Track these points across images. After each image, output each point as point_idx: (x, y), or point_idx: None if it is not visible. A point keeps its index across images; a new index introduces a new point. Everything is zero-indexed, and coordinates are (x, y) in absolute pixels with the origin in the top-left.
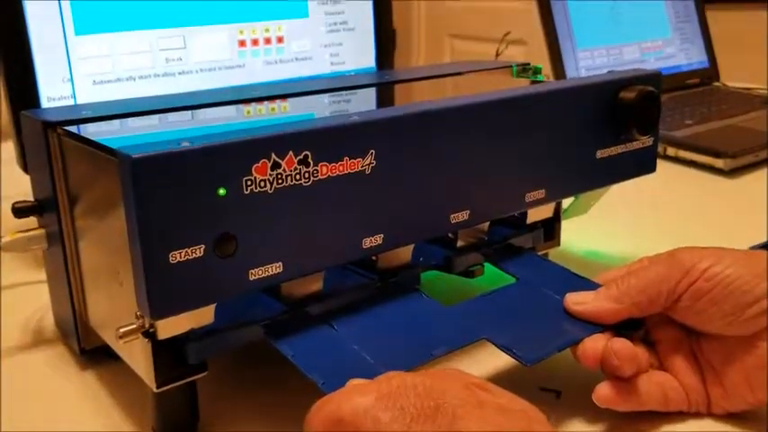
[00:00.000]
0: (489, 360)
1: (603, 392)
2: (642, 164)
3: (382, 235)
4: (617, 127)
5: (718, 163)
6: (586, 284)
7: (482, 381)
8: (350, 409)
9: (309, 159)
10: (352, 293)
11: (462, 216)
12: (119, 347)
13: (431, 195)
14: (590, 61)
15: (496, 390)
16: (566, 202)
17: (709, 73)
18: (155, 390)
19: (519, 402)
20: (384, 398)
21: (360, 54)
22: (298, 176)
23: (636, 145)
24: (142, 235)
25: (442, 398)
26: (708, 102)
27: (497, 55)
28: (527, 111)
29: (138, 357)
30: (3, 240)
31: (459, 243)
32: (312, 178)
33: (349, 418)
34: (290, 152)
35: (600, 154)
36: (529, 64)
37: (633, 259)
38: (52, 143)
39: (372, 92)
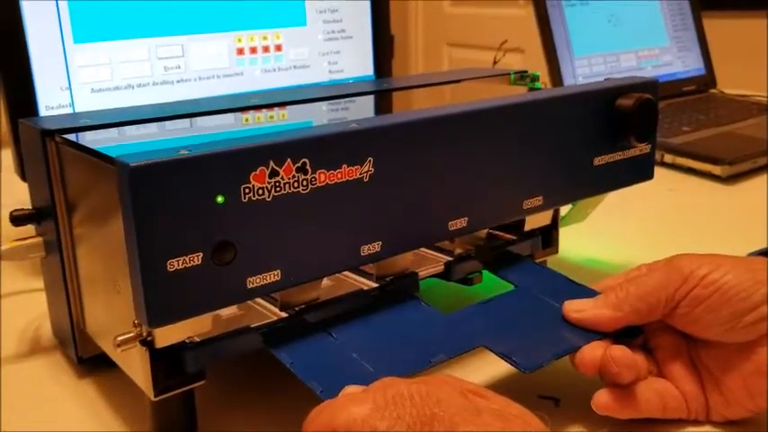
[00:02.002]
0: (488, 367)
1: (602, 400)
2: (640, 171)
3: (380, 242)
4: (614, 134)
5: (716, 170)
6: (585, 292)
7: (478, 387)
8: (346, 419)
9: (307, 167)
10: (350, 301)
11: (460, 223)
12: (116, 356)
13: (429, 203)
14: (587, 69)
15: (493, 395)
16: (564, 210)
17: (706, 80)
18: (152, 398)
19: (516, 408)
20: (380, 407)
21: (358, 62)
22: (296, 184)
23: (633, 152)
24: (140, 242)
25: (438, 406)
26: (705, 109)
27: (495, 63)
28: (525, 118)
29: (135, 366)
30: (1, 249)
31: (458, 250)
32: (310, 186)
33: (345, 428)
34: (288, 160)
35: (597, 161)
36: (526, 71)
37: (631, 266)
38: (50, 151)
39: (370, 100)
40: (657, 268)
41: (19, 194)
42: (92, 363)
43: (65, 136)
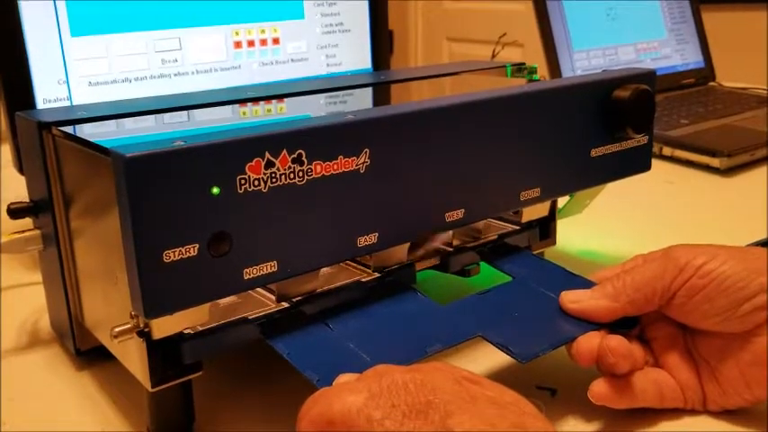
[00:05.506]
0: (484, 358)
1: (599, 390)
2: (637, 162)
3: (377, 234)
4: (611, 125)
5: (714, 162)
6: (582, 283)
7: (472, 374)
8: (341, 408)
9: (303, 158)
10: (347, 292)
11: (457, 215)
12: (114, 348)
13: (425, 194)
14: (586, 62)
15: (487, 383)
16: (561, 202)
17: (705, 73)
18: (150, 390)
19: (510, 395)
20: (375, 396)
21: (356, 55)
22: (292, 175)
23: (630, 143)
24: (136, 234)
25: (433, 394)
26: (704, 101)
27: (493, 56)
28: (522, 109)
29: (132, 357)
30: (0, 241)
31: (455, 242)
32: (306, 177)
33: (340, 417)
34: (284, 151)
35: (594, 152)
36: (524, 64)
37: (628, 258)
38: (47, 144)
39: (368, 92)
40: (654, 259)
41: (19, 190)
42: (90, 355)
43: (61, 128)
